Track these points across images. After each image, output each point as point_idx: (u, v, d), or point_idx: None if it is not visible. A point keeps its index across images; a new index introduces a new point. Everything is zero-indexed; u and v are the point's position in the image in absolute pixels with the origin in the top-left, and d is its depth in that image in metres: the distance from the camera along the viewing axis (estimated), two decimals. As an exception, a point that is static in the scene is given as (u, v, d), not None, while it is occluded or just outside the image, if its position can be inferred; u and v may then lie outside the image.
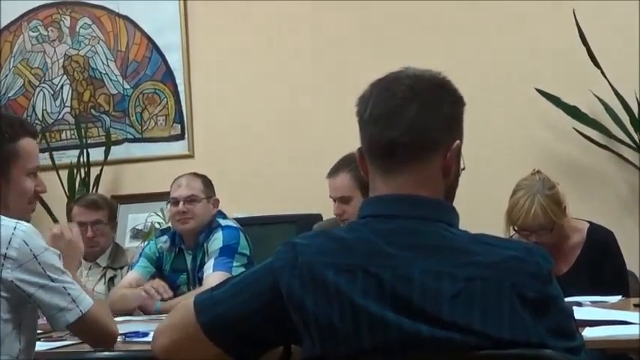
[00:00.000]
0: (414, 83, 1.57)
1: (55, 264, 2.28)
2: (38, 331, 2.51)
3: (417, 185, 1.55)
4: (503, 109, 4.80)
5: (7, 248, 2.20)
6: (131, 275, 3.95)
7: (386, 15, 5.02)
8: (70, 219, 4.34)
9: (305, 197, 4.84)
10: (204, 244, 3.89)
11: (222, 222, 3.95)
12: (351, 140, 1.65)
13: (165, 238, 4.00)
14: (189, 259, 3.97)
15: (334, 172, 3.69)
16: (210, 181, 4.01)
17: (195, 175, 4.01)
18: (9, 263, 2.20)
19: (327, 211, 3.94)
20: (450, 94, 1.60)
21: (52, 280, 2.25)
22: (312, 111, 5.11)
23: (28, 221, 2.31)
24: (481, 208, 4.13)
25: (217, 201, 3.99)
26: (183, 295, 3.79)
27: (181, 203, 3.88)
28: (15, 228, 2.23)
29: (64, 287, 2.27)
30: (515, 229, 3.47)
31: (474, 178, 4.19)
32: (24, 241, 2.21)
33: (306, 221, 4.39)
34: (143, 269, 3.94)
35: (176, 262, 3.99)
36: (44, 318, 2.37)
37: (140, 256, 3.99)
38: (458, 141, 1.58)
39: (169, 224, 4.11)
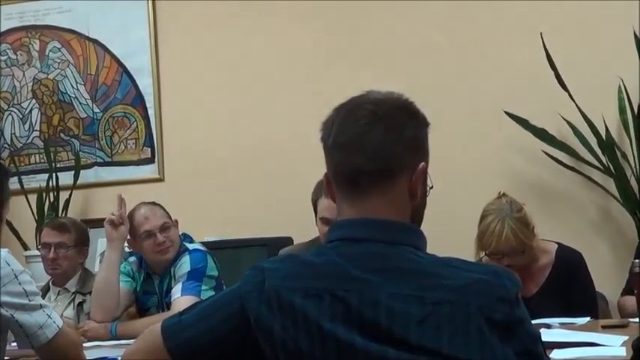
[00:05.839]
0: (377, 107, 1.57)
1: (31, 285, 2.30)
2: (5, 358, 2.49)
3: (383, 209, 1.55)
4: (472, 131, 4.83)
5: None
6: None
7: (354, 37, 5.04)
8: (39, 241, 4.34)
9: (276, 221, 4.84)
10: (172, 269, 3.87)
11: (190, 246, 3.95)
12: (322, 164, 1.64)
13: (133, 258, 4.00)
14: (156, 282, 3.96)
15: None
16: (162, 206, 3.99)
17: (153, 203, 3.97)
18: None
19: (298, 234, 3.93)
20: (413, 117, 1.60)
21: (30, 299, 2.27)
22: (282, 134, 5.11)
23: None
24: (449, 230, 4.15)
25: (177, 222, 3.97)
26: (145, 317, 3.82)
27: (158, 234, 3.84)
28: None
29: (40, 305, 2.30)
30: (487, 253, 3.48)
31: (442, 200, 4.20)
32: (5, 262, 2.24)
33: (276, 244, 4.38)
34: (125, 282, 3.92)
35: (145, 284, 3.99)
36: (12, 344, 2.35)
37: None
38: (423, 163, 1.58)
39: None
